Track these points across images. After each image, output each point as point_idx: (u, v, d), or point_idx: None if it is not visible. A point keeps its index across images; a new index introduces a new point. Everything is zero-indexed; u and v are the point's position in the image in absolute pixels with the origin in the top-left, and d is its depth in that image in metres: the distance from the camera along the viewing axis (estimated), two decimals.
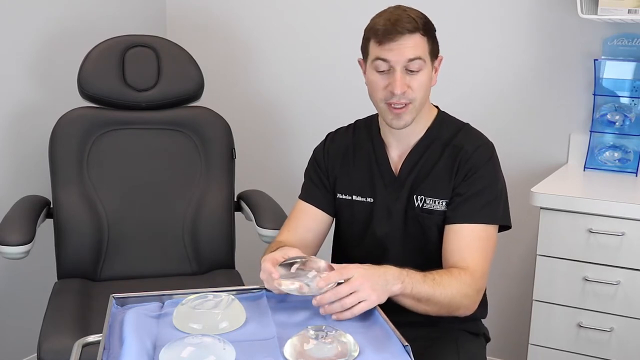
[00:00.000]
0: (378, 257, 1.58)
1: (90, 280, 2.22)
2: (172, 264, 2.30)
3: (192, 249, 2.31)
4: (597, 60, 2.27)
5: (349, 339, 1.22)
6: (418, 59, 1.52)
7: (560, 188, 2.09)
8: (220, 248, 2.32)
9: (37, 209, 2.16)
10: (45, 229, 2.23)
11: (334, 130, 1.77)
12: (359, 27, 1.60)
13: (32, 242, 2.00)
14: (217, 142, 2.32)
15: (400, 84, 1.52)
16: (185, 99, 2.35)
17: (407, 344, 1.21)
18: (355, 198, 1.67)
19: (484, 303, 1.67)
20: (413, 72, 1.52)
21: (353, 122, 1.76)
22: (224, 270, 2.30)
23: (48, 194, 2.26)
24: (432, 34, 1.56)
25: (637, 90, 2.23)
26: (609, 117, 2.27)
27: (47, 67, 2.54)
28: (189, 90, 2.34)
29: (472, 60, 2.51)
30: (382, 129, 1.67)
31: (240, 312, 1.35)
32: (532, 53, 2.42)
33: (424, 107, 1.61)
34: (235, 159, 2.36)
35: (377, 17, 1.56)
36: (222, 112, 2.38)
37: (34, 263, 2.35)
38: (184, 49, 2.38)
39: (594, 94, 2.29)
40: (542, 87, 2.43)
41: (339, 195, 1.70)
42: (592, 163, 2.31)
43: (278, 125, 2.92)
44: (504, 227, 1.63)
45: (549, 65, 2.40)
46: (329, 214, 1.71)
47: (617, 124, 2.27)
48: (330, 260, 1.72)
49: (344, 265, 1.36)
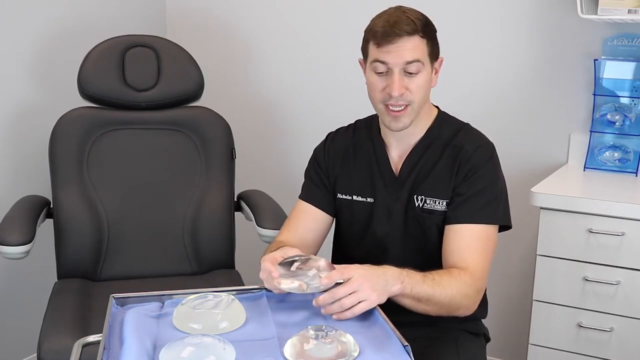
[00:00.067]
0: (378, 257, 1.58)
1: (90, 280, 2.22)
2: (172, 264, 2.30)
3: (192, 249, 2.31)
4: (597, 60, 2.27)
5: (349, 339, 1.21)
6: (416, 62, 1.51)
7: (560, 188, 2.09)
8: (220, 248, 2.32)
9: (37, 209, 2.17)
10: (45, 229, 2.23)
11: (334, 130, 1.77)
12: (359, 27, 1.60)
13: (32, 242, 2.00)
14: (217, 142, 2.32)
15: (398, 87, 1.51)
16: (185, 99, 2.35)
17: (407, 344, 1.21)
18: (356, 198, 1.67)
19: (484, 303, 1.67)
20: (411, 74, 1.52)
21: (353, 122, 1.76)
22: (224, 270, 2.30)
23: (48, 194, 2.26)
24: (431, 36, 1.55)
25: (637, 90, 2.23)
26: (609, 117, 2.27)
27: (47, 67, 2.54)
28: (189, 90, 2.34)
29: (472, 60, 2.51)
30: (382, 129, 1.67)
31: (240, 312, 1.35)
32: (532, 53, 2.42)
33: (424, 107, 1.60)
34: (235, 159, 2.36)
35: (376, 18, 1.56)
36: (222, 112, 2.38)
37: (34, 263, 2.35)
38: (184, 49, 2.38)
39: (594, 94, 2.29)
40: (542, 87, 2.43)
41: (339, 195, 1.69)
42: (592, 163, 2.31)
43: (278, 125, 2.92)
44: (505, 227, 1.63)
45: (549, 65, 2.40)
46: (329, 214, 1.71)
47: (617, 124, 2.27)
48: (330, 260, 1.72)
49: (345, 266, 1.36)
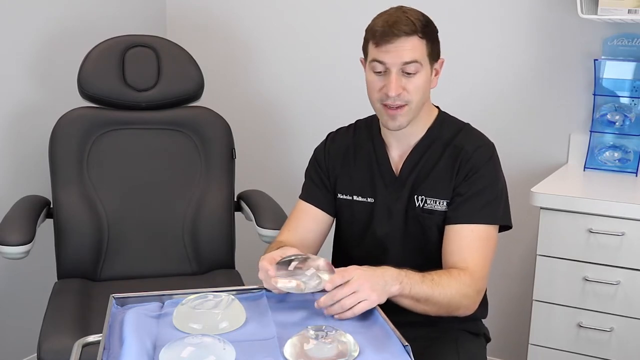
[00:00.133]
0: (378, 257, 1.58)
1: (90, 280, 2.22)
2: (172, 264, 2.30)
3: (192, 249, 2.31)
4: (597, 60, 2.27)
5: (349, 339, 1.21)
6: (414, 62, 1.51)
7: (560, 188, 2.09)
8: (220, 248, 2.32)
9: (37, 209, 2.16)
10: (45, 229, 2.23)
11: (335, 130, 1.77)
12: (359, 27, 1.60)
13: (32, 242, 2.00)
14: (217, 142, 2.32)
15: (395, 86, 1.51)
16: (185, 99, 2.35)
17: (407, 344, 1.21)
18: (356, 198, 1.67)
19: (484, 303, 1.67)
20: (410, 74, 1.52)
21: (354, 122, 1.76)
22: (224, 270, 2.30)
23: (48, 194, 2.26)
24: (432, 37, 1.55)
25: (637, 90, 2.23)
26: (609, 117, 2.27)
27: (47, 67, 2.54)
28: (189, 90, 2.34)
29: (472, 60, 2.51)
30: (382, 129, 1.67)
31: (240, 312, 1.35)
32: (532, 53, 2.42)
33: (424, 108, 1.60)
34: (235, 159, 2.36)
35: (377, 17, 1.55)
36: (222, 112, 2.38)
37: (34, 263, 2.35)
38: (184, 49, 2.38)
39: (594, 94, 2.29)
40: (542, 87, 2.42)
41: (340, 196, 1.69)
42: (592, 163, 2.31)
43: (278, 125, 2.92)
44: (505, 227, 1.63)
45: (549, 65, 2.40)
46: (330, 214, 1.71)
47: (617, 124, 2.27)
48: (331, 260, 1.72)
49: (344, 268, 1.36)
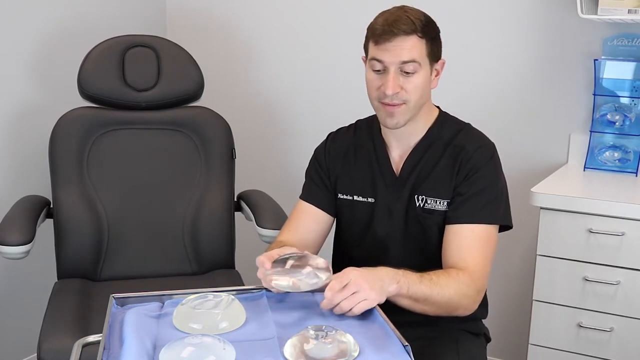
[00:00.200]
0: (378, 257, 1.58)
1: (90, 280, 2.22)
2: (172, 264, 2.30)
3: (192, 249, 2.31)
4: (597, 60, 2.27)
5: (349, 339, 1.21)
6: (413, 62, 1.51)
7: (560, 188, 2.09)
8: (220, 248, 2.32)
9: (37, 209, 2.16)
10: (45, 229, 2.23)
11: (335, 130, 1.77)
12: (359, 27, 1.60)
13: (32, 242, 2.00)
14: (217, 142, 2.32)
15: (392, 85, 1.51)
16: (185, 99, 2.35)
17: (407, 344, 1.21)
18: (357, 198, 1.67)
19: (485, 303, 1.67)
20: (408, 73, 1.52)
21: (354, 122, 1.76)
22: (224, 270, 2.30)
23: (48, 194, 2.26)
24: (432, 37, 1.55)
25: (637, 90, 2.23)
26: (609, 117, 2.27)
27: (47, 67, 2.54)
28: (189, 90, 2.34)
29: (472, 60, 2.51)
30: (383, 129, 1.67)
31: (240, 312, 1.35)
32: (532, 53, 2.42)
33: (424, 108, 1.60)
34: (235, 159, 2.36)
35: (378, 16, 1.56)
36: (222, 112, 2.38)
37: (34, 263, 2.35)
38: (184, 49, 2.38)
39: (594, 94, 2.29)
40: (542, 87, 2.42)
41: (340, 195, 1.69)
42: (592, 163, 2.31)
43: (278, 125, 2.92)
44: (505, 227, 1.63)
45: (549, 65, 2.40)
46: (330, 214, 1.71)
47: (617, 124, 2.27)
48: (331, 260, 1.72)
49: (340, 272, 1.36)
